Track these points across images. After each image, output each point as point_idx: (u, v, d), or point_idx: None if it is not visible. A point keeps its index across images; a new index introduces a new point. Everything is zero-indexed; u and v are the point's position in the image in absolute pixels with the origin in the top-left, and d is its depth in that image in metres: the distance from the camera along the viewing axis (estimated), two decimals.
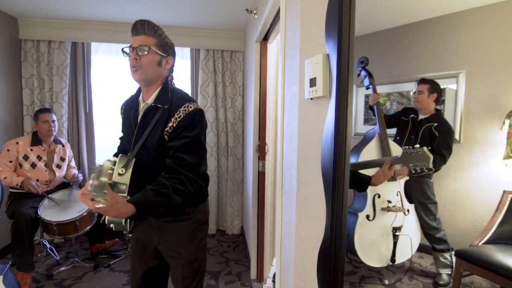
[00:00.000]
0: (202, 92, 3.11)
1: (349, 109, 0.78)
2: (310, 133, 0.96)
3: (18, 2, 2.42)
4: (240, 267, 2.51)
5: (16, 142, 2.31)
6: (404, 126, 2.49)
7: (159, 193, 1.03)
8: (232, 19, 2.74)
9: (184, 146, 1.11)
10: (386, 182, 2.23)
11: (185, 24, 2.92)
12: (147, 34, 1.16)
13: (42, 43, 2.84)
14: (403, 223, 2.21)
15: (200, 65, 3.10)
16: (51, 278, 2.27)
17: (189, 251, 1.23)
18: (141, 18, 3.00)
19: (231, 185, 3.22)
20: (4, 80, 2.64)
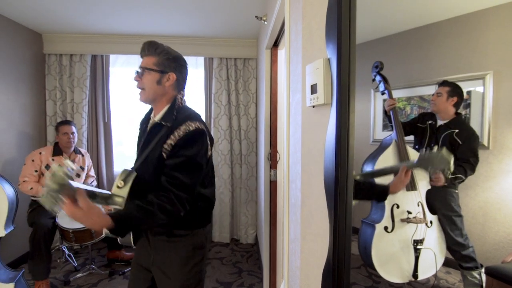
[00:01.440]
0: (215, 100, 3.12)
1: (351, 117, 0.71)
2: (313, 143, 0.90)
3: (43, 19, 2.56)
4: (253, 279, 2.44)
5: (39, 153, 2.41)
6: (421, 133, 2.34)
7: (143, 210, 1.01)
8: (245, 27, 2.73)
9: (179, 164, 1.09)
10: (405, 192, 2.09)
11: (199, 33, 2.96)
12: (148, 54, 1.18)
13: (64, 56, 2.98)
14: (425, 235, 2.05)
15: (214, 74, 3.12)
16: (67, 284, 2.32)
17: (179, 276, 1.17)
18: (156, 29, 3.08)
19: (245, 194, 3.18)
20: (29, 93, 2.78)
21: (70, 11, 2.40)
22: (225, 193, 3.16)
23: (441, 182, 2.19)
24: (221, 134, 3.13)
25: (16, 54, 2.63)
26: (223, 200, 3.17)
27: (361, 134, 3.62)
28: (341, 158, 0.71)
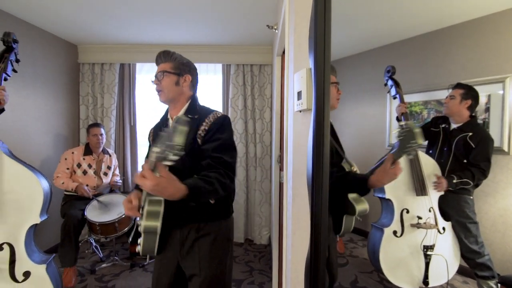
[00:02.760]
0: (232, 105, 3.25)
1: (326, 120, 0.79)
2: (300, 145, 0.98)
3: (78, 32, 2.86)
4: (263, 278, 2.52)
5: (71, 152, 2.68)
6: (435, 137, 2.27)
7: (205, 181, 1.06)
8: (260, 34, 2.85)
9: (218, 147, 1.18)
10: (415, 197, 2.07)
11: (217, 42, 3.12)
12: (164, 61, 1.32)
13: (96, 65, 3.28)
14: (435, 241, 2.00)
15: (231, 80, 3.26)
16: (93, 273, 2.55)
17: (209, 270, 1.20)
18: (178, 38, 3.28)
19: (259, 195, 3.26)
20: (65, 99, 3.10)
21: (102, 24, 2.66)
22: (240, 194, 3.27)
23: (442, 187, 2.13)
24: (237, 137, 3.25)
25: (55, 63, 2.95)
26: (238, 201, 3.28)
27: (376, 138, 3.57)
28: (317, 158, 0.79)
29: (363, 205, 1.41)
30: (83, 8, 2.31)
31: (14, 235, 1.32)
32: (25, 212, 1.34)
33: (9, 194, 1.32)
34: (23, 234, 1.33)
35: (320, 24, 0.77)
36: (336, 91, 1.52)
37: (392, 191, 2.06)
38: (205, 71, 3.44)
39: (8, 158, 1.36)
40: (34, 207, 1.35)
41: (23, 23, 2.55)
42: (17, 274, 1.29)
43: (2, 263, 1.28)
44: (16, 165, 1.36)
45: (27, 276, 1.31)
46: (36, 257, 1.38)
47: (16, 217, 1.33)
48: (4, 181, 1.32)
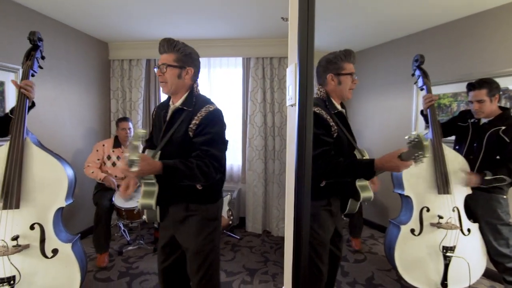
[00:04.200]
0: (251, 98, 3.28)
1: (308, 115, 0.79)
2: (292, 139, 0.99)
3: (109, 30, 3.05)
4: (277, 269, 2.56)
5: (102, 144, 2.89)
6: (462, 133, 2.10)
7: (184, 164, 1.21)
8: (279, 27, 2.83)
9: (208, 140, 1.27)
10: (437, 195, 1.95)
11: (237, 36, 3.15)
12: (167, 51, 1.35)
13: (125, 61, 3.48)
14: (456, 243, 1.88)
15: (250, 73, 3.28)
16: (121, 255, 2.77)
17: (195, 244, 1.36)
18: (199, 33, 3.35)
19: (277, 188, 3.29)
20: (96, 93, 3.35)
21: (130, 22, 2.81)
22: (258, 186, 3.32)
23: (472, 182, 1.97)
24: (256, 130, 3.28)
25: (87, 60, 3.19)
26: (256, 193, 3.33)
27: (400, 132, 3.42)
28: (299, 151, 0.80)
29: (368, 193, 1.45)
30: (113, 8, 2.46)
31: (44, 216, 1.48)
32: (52, 196, 1.50)
33: (38, 180, 1.48)
34: (51, 216, 1.49)
35: (302, 17, 0.77)
36: (351, 81, 1.48)
37: (412, 188, 1.97)
38: (226, 64, 3.50)
39: (36, 147, 1.51)
40: (60, 192, 1.51)
41: (58, 24, 2.78)
42: (47, 251, 1.46)
43: (34, 241, 1.44)
44: (44, 154, 1.51)
45: (55, 253, 1.47)
46: (63, 237, 1.54)
47: (44, 200, 1.49)
48: (33, 168, 1.48)
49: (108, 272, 2.47)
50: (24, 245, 1.42)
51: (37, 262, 1.45)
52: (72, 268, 1.49)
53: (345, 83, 1.47)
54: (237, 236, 3.22)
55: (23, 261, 1.44)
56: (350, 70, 1.47)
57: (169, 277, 1.53)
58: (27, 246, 1.43)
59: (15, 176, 1.43)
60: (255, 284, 2.32)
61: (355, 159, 1.45)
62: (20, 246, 1.40)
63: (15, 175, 1.42)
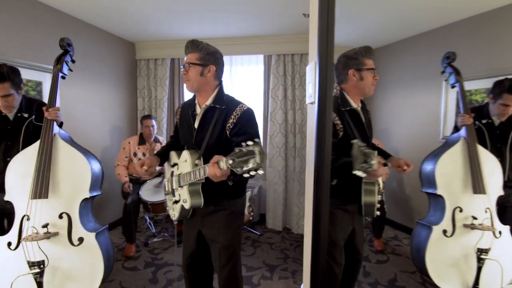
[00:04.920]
0: (272, 95, 3.29)
1: (327, 113, 0.79)
2: (312, 137, 0.99)
3: (136, 31, 3.19)
4: (297, 266, 2.57)
5: (128, 142, 3.03)
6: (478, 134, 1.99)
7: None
8: (300, 23, 2.80)
9: (248, 139, 1.27)
10: (472, 195, 1.86)
11: (258, 33, 3.16)
12: (191, 51, 1.42)
13: (150, 61, 3.61)
14: (491, 245, 1.79)
15: (272, 70, 3.29)
16: (146, 246, 2.91)
17: (226, 237, 1.41)
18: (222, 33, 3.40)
19: (297, 186, 3.28)
20: (124, 92, 3.51)
21: (156, 23, 2.92)
22: (278, 183, 3.33)
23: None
24: (277, 127, 3.29)
25: (116, 60, 3.35)
26: (276, 190, 3.35)
27: (427, 131, 3.29)
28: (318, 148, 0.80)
29: (371, 198, 1.41)
30: (139, 9, 2.56)
31: (70, 206, 1.59)
32: (77, 188, 1.61)
33: (64, 172, 1.60)
34: (77, 206, 1.59)
35: (323, 15, 0.77)
36: (372, 77, 1.45)
37: (445, 187, 1.89)
38: (247, 62, 3.52)
39: (64, 142, 1.63)
40: (84, 184, 1.61)
41: (90, 27, 2.95)
42: (73, 239, 1.56)
43: (63, 229, 1.56)
44: (70, 148, 1.63)
45: (81, 241, 1.57)
46: (89, 226, 1.64)
47: (71, 192, 1.60)
48: (61, 162, 1.60)
49: (135, 261, 2.60)
50: (53, 233, 1.53)
51: (65, 249, 1.56)
52: (96, 256, 1.58)
53: (367, 78, 1.44)
54: (258, 232, 3.26)
55: (52, 247, 1.55)
56: (371, 65, 1.45)
57: (193, 269, 1.60)
58: (56, 234, 1.54)
59: (44, 168, 1.54)
60: (275, 280, 2.35)
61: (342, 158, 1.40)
62: (50, 233, 1.51)
63: (44, 167, 1.54)
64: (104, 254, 1.61)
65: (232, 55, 3.46)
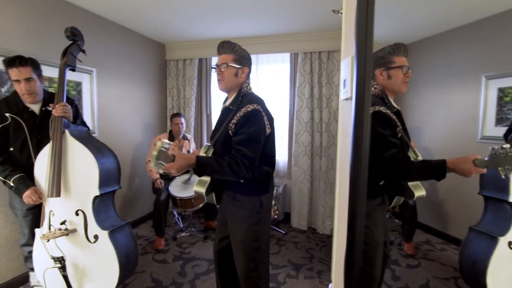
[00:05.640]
0: (299, 94, 3.26)
1: (365, 109, 0.77)
2: (346, 135, 0.98)
3: (166, 33, 3.30)
4: (323, 266, 2.53)
5: (159, 139, 3.15)
6: None
7: (217, 161, 1.31)
8: (327, 19, 2.76)
9: (242, 140, 1.34)
10: None
11: (284, 31, 3.15)
12: (226, 52, 1.46)
13: (179, 61, 3.72)
14: None
15: (298, 68, 3.26)
16: (175, 240, 3.01)
17: (241, 233, 1.45)
18: (248, 32, 3.43)
19: (323, 185, 3.23)
20: (154, 91, 3.64)
21: (184, 25, 3.00)
22: (304, 182, 3.30)
23: None
24: (303, 126, 3.26)
25: (147, 61, 3.49)
26: (302, 189, 3.32)
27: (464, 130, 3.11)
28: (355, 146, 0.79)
29: (421, 192, 1.36)
30: (169, 12, 2.65)
31: (84, 204, 1.58)
32: (86, 185, 1.58)
33: (75, 170, 1.60)
34: (89, 203, 1.57)
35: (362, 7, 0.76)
36: (403, 74, 1.40)
37: None
38: (273, 61, 3.52)
39: (72, 139, 1.60)
40: (92, 181, 1.57)
41: (123, 29, 3.09)
42: (90, 236, 1.58)
43: (80, 227, 1.59)
44: (79, 145, 1.59)
45: (97, 238, 1.58)
46: (105, 223, 1.63)
47: (81, 189, 1.59)
48: (70, 159, 1.60)
49: (165, 255, 2.70)
50: (71, 229, 1.56)
51: (83, 245, 1.59)
52: (109, 254, 1.57)
53: (396, 77, 1.39)
54: (282, 231, 3.25)
55: (71, 243, 1.59)
56: (401, 63, 1.39)
57: (224, 259, 1.64)
58: (74, 231, 1.58)
59: (54, 166, 1.54)
60: (300, 279, 2.34)
61: (426, 160, 1.35)
62: (68, 230, 1.55)
63: (54, 166, 1.54)
64: (121, 252, 1.60)
65: (258, 54, 3.47)
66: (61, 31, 2.38)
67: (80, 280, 1.62)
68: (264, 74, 3.58)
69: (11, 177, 1.68)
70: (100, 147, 1.69)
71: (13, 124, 1.73)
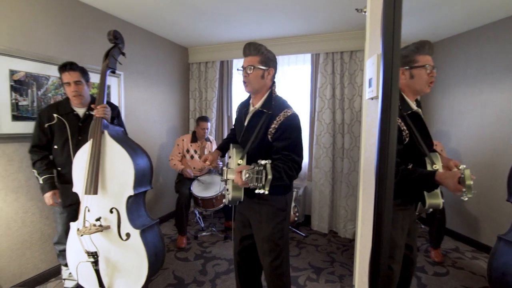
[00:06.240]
0: (320, 94, 3.23)
1: (392, 108, 0.76)
2: (371, 134, 0.96)
3: (189, 37, 3.39)
4: (345, 271, 2.48)
5: (182, 139, 3.23)
6: None
7: (276, 170, 1.29)
8: (350, 19, 2.71)
9: (288, 146, 1.37)
10: None
11: (305, 32, 3.14)
12: (252, 54, 1.46)
13: (202, 64, 3.81)
14: None
15: (319, 69, 3.23)
16: (196, 239, 3.07)
17: (266, 230, 1.47)
18: (269, 33, 3.44)
19: (345, 188, 3.17)
20: (178, 94, 3.75)
21: (206, 28, 3.07)
22: (325, 185, 3.25)
23: None
24: (324, 127, 3.22)
25: (172, 64, 3.60)
26: (323, 192, 3.27)
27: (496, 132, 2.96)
28: (382, 146, 0.77)
29: (435, 200, 1.30)
30: (192, 16, 2.73)
31: (118, 202, 1.64)
32: (121, 185, 1.64)
33: (112, 169, 1.66)
34: (123, 202, 1.63)
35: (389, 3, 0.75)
36: (427, 74, 1.35)
37: None
38: (294, 62, 3.51)
39: (110, 139, 1.66)
40: (128, 181, 1.62)
41: (149, 34, 3.21)
42: (122, 234, 1.64)
43: (113, 224, 1.65)
44: (116, 146, 1.64)
45: (128, 236, 1.64)
46: (137, 222, 1.70)
47: (117, 188, 1.65)
48: (108, 159, 1.66)
49: (186, 253, 2.76)
50: (105, 226, 1.63)
51: (115, 242, 1.65)
52: (140, 252, 1.62)
53: (419, 76, 1.34)
54: (303, 234, 3.22)
55: (104, 239, 1.65)
56: (425, 62, 1.33)
57: (244, 260, 1.66)
58: (108, 227, 1.64)
59: (93, 165, 1.62)
60: (321, 283, 2.30)
61: (416, 168, 1.32)
62: (102, 227, 1.61)
63: (93, 165, 1.62)
64: (150, 250, 1.64)
65: (279, 56, 3.47)
66: (95, 38, 2.54)
67: (111, 276, 1.69)
68: (284, 75, 3.58)
69: (42, 175, 1.83)
70: (135, 147, 1.75)
71: (58, 124, 1.88)
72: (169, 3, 2.43)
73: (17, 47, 1.98)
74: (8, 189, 1.99)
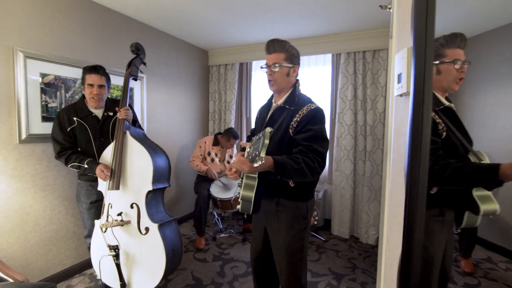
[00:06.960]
0: (341, 95, 3.15)
1: (426, 104, 0.71)
2: (400, 133, 0.90)
3: (208, 40, 3.43)
4: (367, 278, 2.38)
5: (204, 142, 3.25)
6: None
7: (293, 160, 1.22)
8: (373, 16, 2.62)
9: (310, 136, 1.27)
10: None
11: (325, 32, 3.08)
12: (277, 51, 1.41)
13: (221, 66, 3.84)
14: None
15: (340, 69, 3.15)
16: (215, 240, 3.07)
17: (285, 239, 1.39)
18: (289, 34, 3.41)
19: (367, 192, 3.06)
20: (198, 96, 3.80)
21: (226, 31, 3.09)
22: (346, 188, 3.16)
23: None
24: (345, 129, 3.13)
25: (192, 67, 3.65)
26: (344, 196, 3.18)
27: None
28: (413, 145, 0.72)
29: (491, 205, 1.17)
30: (212, 20, 2.75)
31: (138, 198, 1.74)
32: (142, 181, 1.74)
33: (133, 167, 1.77)
34: (143, 198, 1.73)
35: None
36: (457, 70, 1.24)
37: None
38: (314, 63, 3.45)
39: (132, 139, 1.78)
40: (147, 177, 1.73)
41: (171, 37, 3.28)
42: (141, 228, 1.72)
43: (134, 218, 1.73)
44: (138, 145, 1.76)
45: (147, 231, 1.72)
46: (155, 217, 1.77)
47: (137, 184, 1.75)
48: (130, 157, 1.78)
49: (205, 254, 2.76)
50: (126, 221, 1.72)
51: (134, 236, 1.73)
52: (158, 246, 1.68)
53: (447, 72, 1.24)
54: (323, 238, 3.14)
55: (125, 234, 1.74)
56: (455, 56, 1.22)
57: (261, 267, 1.61)
58: (128, 222, 1.73)
59: (116, 163, 1.74)
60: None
61: (470, 162, 1.19)
62: (123, 221, 1.71)
63: (116, 163, 1.74)
64: (168, 244, 1.70)
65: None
66: (121, 42, 2.62)
67: (130, 269, 1.76)
68: (304, 76, 3.53)
69: (84, 161, 1.87)
70: (154, 147, 1.85)
71: (79, 127, 1.93)
72: (194, 5, 2.46)
73: (48, 51, 2.08)
74: (37, 187, 2.08)
